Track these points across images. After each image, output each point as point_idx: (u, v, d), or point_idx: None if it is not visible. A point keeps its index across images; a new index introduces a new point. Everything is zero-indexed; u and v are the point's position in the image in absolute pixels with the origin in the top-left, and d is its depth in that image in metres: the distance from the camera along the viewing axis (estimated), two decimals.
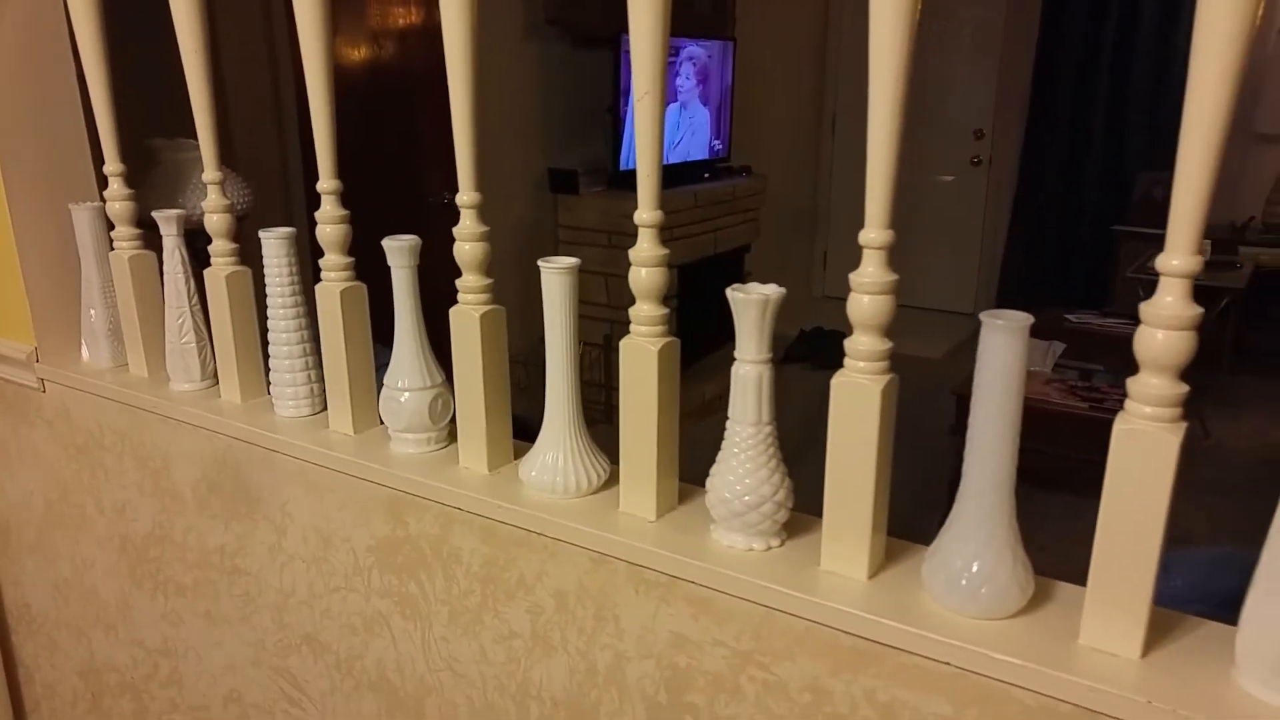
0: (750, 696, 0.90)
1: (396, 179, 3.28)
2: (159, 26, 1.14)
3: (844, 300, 0.81)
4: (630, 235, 3.65)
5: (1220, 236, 4.57)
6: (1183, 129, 0.64)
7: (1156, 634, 0.75)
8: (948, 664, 0.78)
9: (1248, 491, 3.43)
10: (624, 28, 0.86)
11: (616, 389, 0.95)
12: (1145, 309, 0.68)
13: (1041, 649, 0.76)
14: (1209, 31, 0.61)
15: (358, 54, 3.28)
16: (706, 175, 4.34)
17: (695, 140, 4.30)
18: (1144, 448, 0.69)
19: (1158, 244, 0.68)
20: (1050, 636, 0.77)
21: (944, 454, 2.83)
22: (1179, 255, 0.66)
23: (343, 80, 3.13)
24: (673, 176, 4.10)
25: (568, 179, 3.74)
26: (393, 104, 3.33)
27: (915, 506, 1.28)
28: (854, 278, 0.79)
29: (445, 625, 1.11)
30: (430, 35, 3.32)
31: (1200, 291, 0.66)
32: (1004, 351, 0.74)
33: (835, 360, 0.82)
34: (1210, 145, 0.63)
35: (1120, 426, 0.70)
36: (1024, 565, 0.79)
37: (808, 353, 4.82)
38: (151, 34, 1.26)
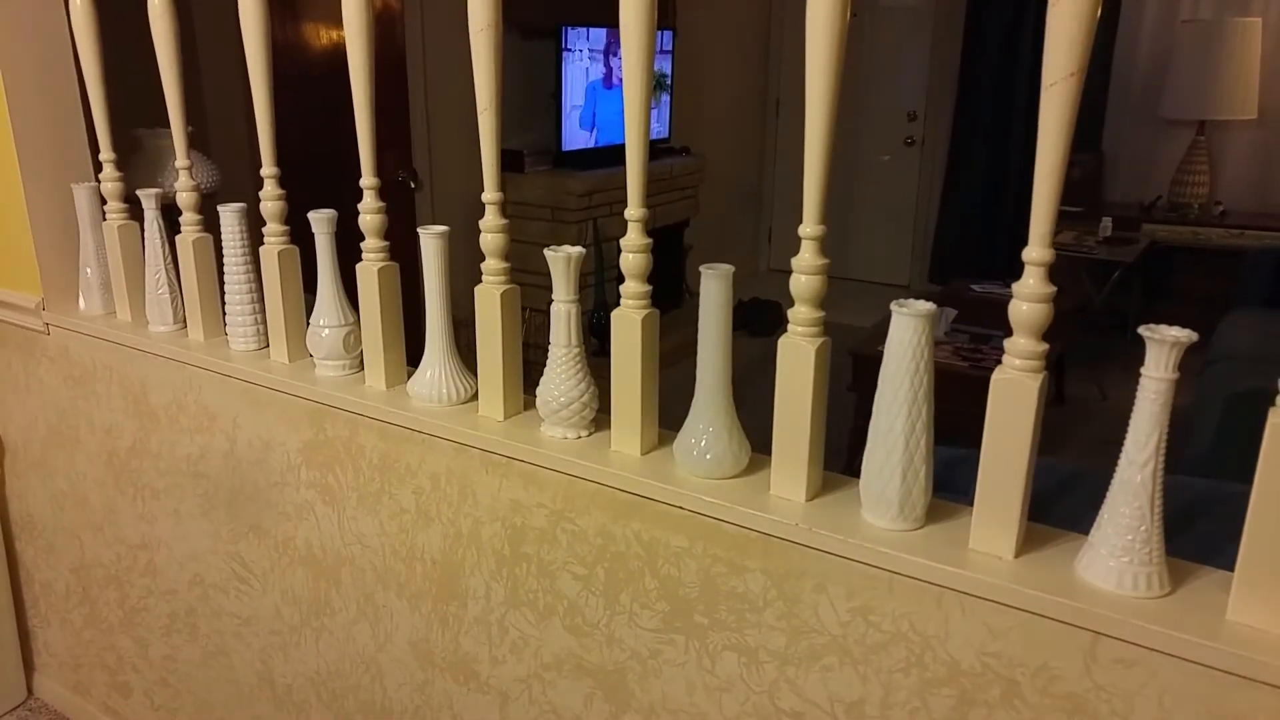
0: (563, 543, 1.26)
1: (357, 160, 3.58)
2: (145, 32, 1.46)
3: (789, 274, 1.04)
4: (571, 210, 4.21)
5: (1127, 215, 4.96)
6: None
7: (823, 489, 1.11)
8: (681, 508, 1.14)
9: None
10: (566, 21, 1.15)
11: None
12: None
13: (743, 496, 1.11)
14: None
15: (320, 42, 3.58)
16: None
17: (660, 119, 4.68)
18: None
19: (1068, 220, 0.88)
20: (750, 490, 1.13)
21: (845, 407, 3.20)
22: (810, 223, 1.02)
23: (305, 68, 3.44)
24: (618, 157, 4.43)
25: (514, 159, 4.06)
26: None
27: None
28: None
29: (355, 507, 1.47)
30: (385, 25, 3.62)
31: (1096, 265, 0.90)
32: (714, 294, 1.10)
33: (771, 328, 1.14)
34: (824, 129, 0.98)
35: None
36: (739, 442, 1.15)
37: (746, 321, 5.18)
38: (139, 38, 1.56)
